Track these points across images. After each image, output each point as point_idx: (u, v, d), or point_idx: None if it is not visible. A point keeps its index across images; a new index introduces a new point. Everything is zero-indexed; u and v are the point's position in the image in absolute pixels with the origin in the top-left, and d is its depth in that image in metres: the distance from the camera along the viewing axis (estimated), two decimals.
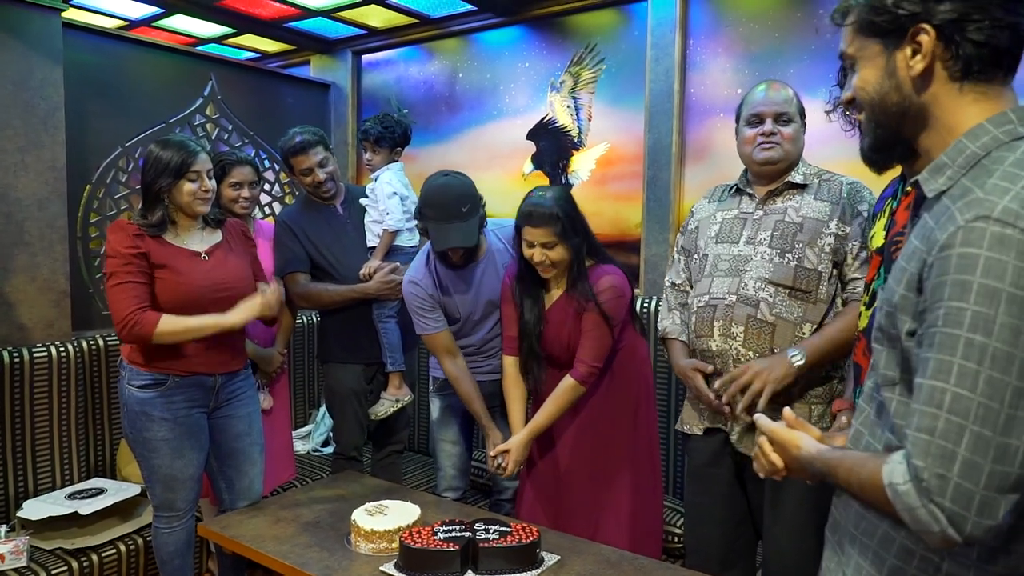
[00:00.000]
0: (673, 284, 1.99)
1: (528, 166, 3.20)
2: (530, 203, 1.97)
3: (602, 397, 2.09)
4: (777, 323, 1.71)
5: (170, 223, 2.04)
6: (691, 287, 1.91)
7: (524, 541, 1.80)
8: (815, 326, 1.70)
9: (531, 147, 3.20)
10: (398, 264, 2.52)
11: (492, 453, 2.13)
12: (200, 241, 2.10)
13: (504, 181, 3.27)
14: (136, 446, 2.08)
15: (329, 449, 3.52)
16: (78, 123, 2.79)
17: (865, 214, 1.69)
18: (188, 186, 2.01)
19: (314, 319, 3.66)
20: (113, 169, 2.92)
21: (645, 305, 2.67)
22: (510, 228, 2.20)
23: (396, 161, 2.60)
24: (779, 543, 1.76)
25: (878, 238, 1.46)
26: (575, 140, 3.07)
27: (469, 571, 1.77)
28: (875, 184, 1.55)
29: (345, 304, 2.51)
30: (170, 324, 1.97)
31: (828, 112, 1.55)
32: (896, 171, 1.32)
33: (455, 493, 2.43)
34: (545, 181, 3.15)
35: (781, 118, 1.75)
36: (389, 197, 2.50)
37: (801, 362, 1.64)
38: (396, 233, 2.52)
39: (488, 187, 3.29)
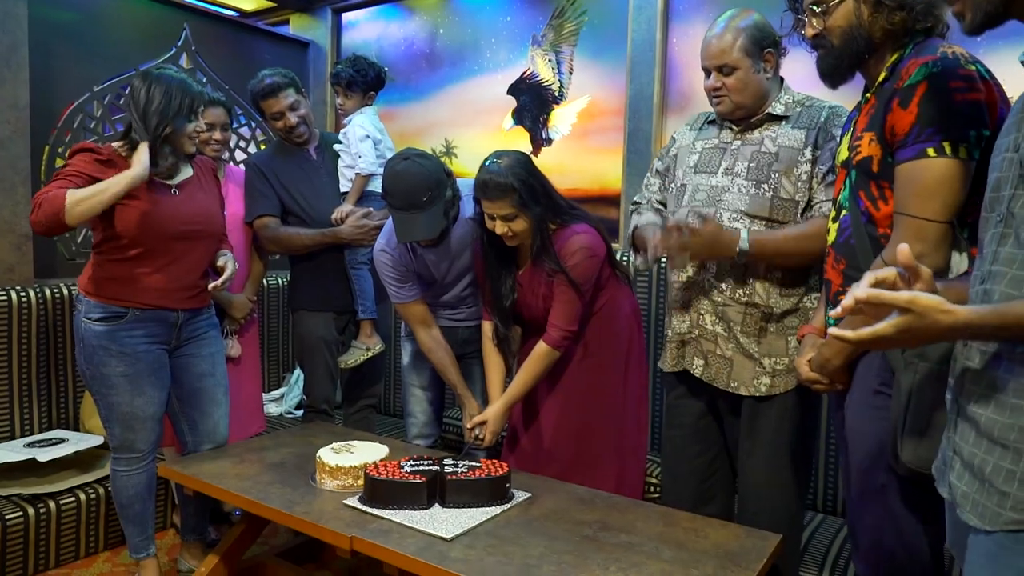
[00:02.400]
0: (646, 197, 1.92)
1: (508, 121, 3.15)
2: (483, 174, 1.85)
3: (585, 360, 2.03)
4: None
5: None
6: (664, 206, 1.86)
7: (493, 475, 1.75)
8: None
9: (512, 102, 3.15)
10: (371, 209, 2.46)
11: (469, 425, 2.07)
12: (171, 175, 2.03)
13: (485, 137, 3.21)
14: (93, 383, 2.00)
15: (301, 412, 3.45)
16: (43, 64, 2.70)
17: (839, 137, 1.65)
18: (188, 126, 1.95)
19: (286, 280, 3.59)
20: (80, 114, 2.83)
21: (625, 258, 2.62)
22: None
23: (369, 105, 2.54)
24: (756, 475, 1.72)
25: (843, 152, 1.45)
26: (556, 94, 3.02)
27: (436, 504, 1.72)
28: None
29: (316, 248, 2.44)
30: (80, 194, 1.77)
31: (781, 37, 1.66)
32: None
33: (426, 441, 2.37)
34: (526, 136, 3.10)
35: (723, 69, 1.69)
36: (361, 140, 2.44)
37: (745, 247, 1.59)
38: (369, 177, 2.46)
39: (469, 144, 3.27)
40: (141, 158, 1.86)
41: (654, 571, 1.42)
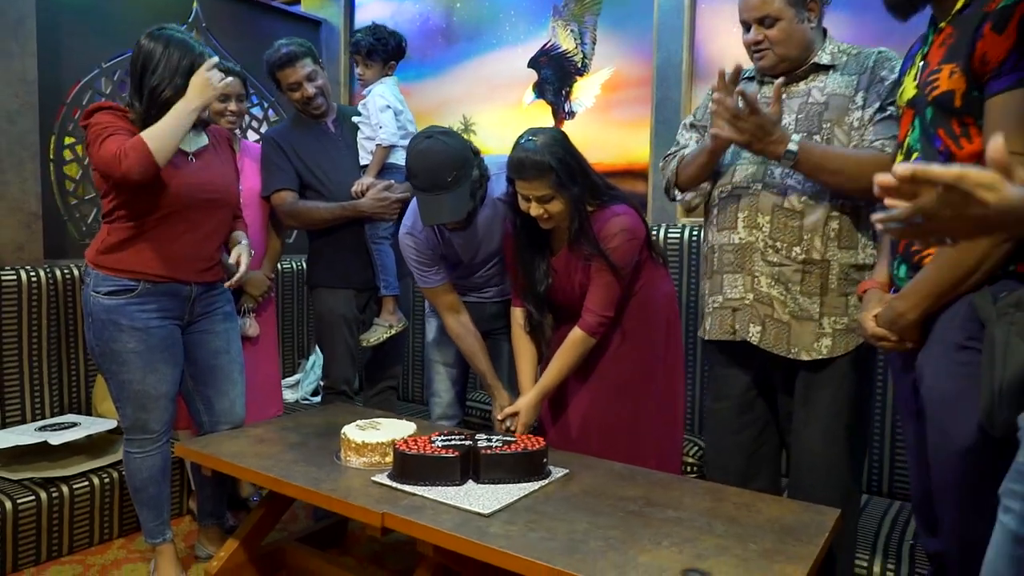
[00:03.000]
0: (679, 152, 1.81)
1: (529, 95, 3.05)
2: (518, 153, 1.73)
3: (623, 347, 1.92)
4: (806, 209, 1.57)
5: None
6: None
7: (530, 448, 1.65)
8: (844, 212, 1.56)
9: (532, 76, 3.05)
10: (392, 182, 2.37)
11: (500, 416, 1.95)
12: (187, 142, 1.95)
13: (504, 113, 3.12)
14: (103, 360, 1.91)
15: (318, 399, 3.36)
16: (52, 39, 2.62)
17: (888, 80, 1.54)
18: None
19: (303, 265, 3.51)
20: (90, 91, 2.74)
21: (655, 232, 2.53)
22: None
23: (389, 76, 2.45)
24: (812, 446, 1.62)
25: (908, 90, 1.34)
26: (579, 66, 2.92)
27: (470, 480, 1.63)
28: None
29: (336, 223, 2.35)
30: (154, 132, 1.75)
31: None
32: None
33: (450, 422, 2.28)
34: (547, 111, 3.00)
35: (765, 21, 1.59)
36: (382, 110, 2.35)
37: (794, 148, 1.48)
38: (390, 149, 2.37)
39: (487, 120, 3.18)
40: (201, 81, 1.81)
41: (709, 546, 1.33)
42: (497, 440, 1.70)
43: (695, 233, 2.50)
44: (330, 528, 2.40)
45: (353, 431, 1.80)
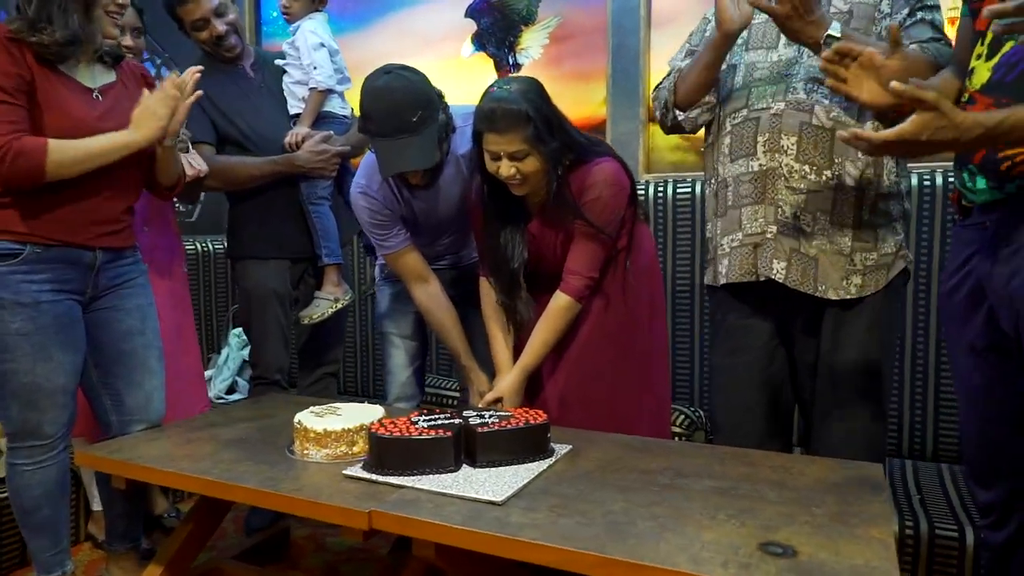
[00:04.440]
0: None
1: (468, 48, 2.79)
2: (490, 102, 1.51)
3: (608, 312, 1.70)
4: (836, 127, 1.41)
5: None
6: None
7: (532, 422, 1.41)
8: (884, 125, 1.41)
9: (470, 26, 2.78)
10: (331, 133, 2.04)
11: (481, 404, 1.69)
12: (92, 78, 1.57)
13: (439, 68, 2.80)
14: None
15: (236, 396, 2.97)
16: None
17: None
18: None
19: (210, 247, 3.08)
20: None
21: None
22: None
23: (319, 11, 2.12)
24: (840, 398, 1.47)
25: None
26: (524, 14, 2.68)
27: (464, 465, 1.36)
28: None
29: (265, 181, 2.00)
30: (64, 149, 1.45)
31: None
32: None
33: (409, 403, 1.99)
34: (489, 64, 2.75)
35: None
36: (315, 49, 2.02)
37: (836, 33, 1.31)
38: (326, 94, 2.04)
39: None
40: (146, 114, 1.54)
41: (771, 515, 1.13)
42: (491, 416, 1.44)
43: (660, 189, 2.33)
44: (269, 541, 2.05)
45: (310, 419, 1.48)
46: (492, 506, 1.18)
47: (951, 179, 1.97)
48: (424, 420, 1.42)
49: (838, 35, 1.32)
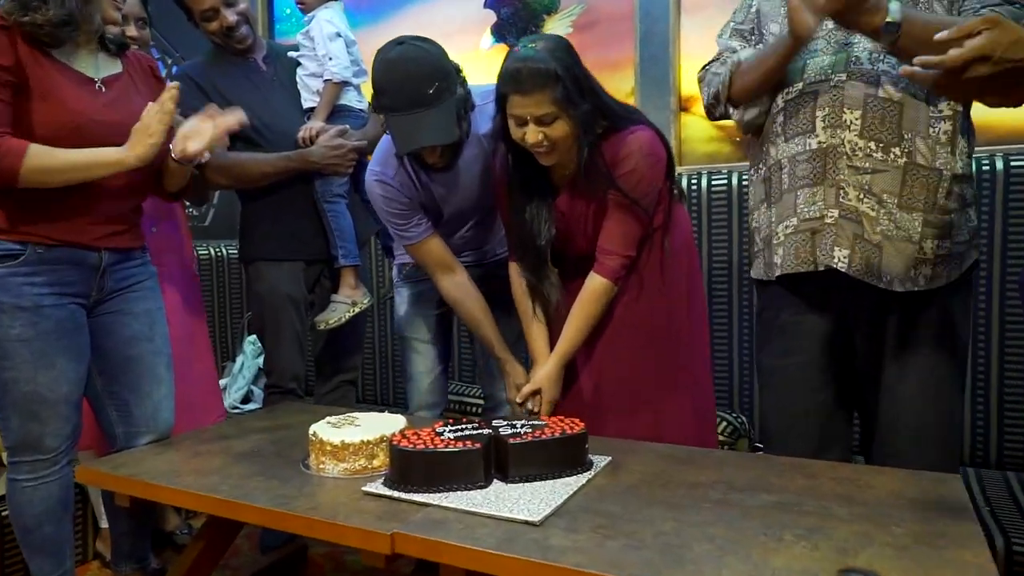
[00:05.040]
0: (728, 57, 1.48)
1: (487, 40, 2.68)
2: (516, 60, 1.40)
3: (642, 295, 1.59)
4: (905, 101, 1.27)
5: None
6: None
7: (569, 433, 1.28)
8: (951, 106, 1.28)
9: (490, 17, 2.68)
10: (347, 127, 1.94)
11: (519, 397, 1.59)
12: (94, 67, 1.48)
13: (458, 62, 2.69)
14: None
15: (251, 406, 2.87)
16: None
17: None
18: None
19: (224, 252, 3.00)
20: None
21: None
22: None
23: (336, 0, 2.02)
24: (910, 405, 1.33)
25: None
26: (546, 2, 2.57)
27: (495, 480, 1.24)
28: None
29: (278, 178, 1.90)
30: (44, 156, 1.34)
31: None
32: None
33: (431, 412, 1.87)
34: None
35: None
36: (331, 39, 1.92)
37: (896, 17, 1.16)
38: (342, 86, 1.94)
39: None
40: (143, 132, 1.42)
41: (845, 535, 1.00)
42: (523, 425, 1.32)
43: (693, 181, 2.21)
44: (285, 560, 1.95)
45: (326, 430, 1.37)
46: (529, 527, 1.06)
47: (1013, 162, 1.83)
48: (450, 431, 1.30)
49: (898, 19, 1.19)
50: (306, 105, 1.97)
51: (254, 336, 3.00)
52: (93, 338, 1.51)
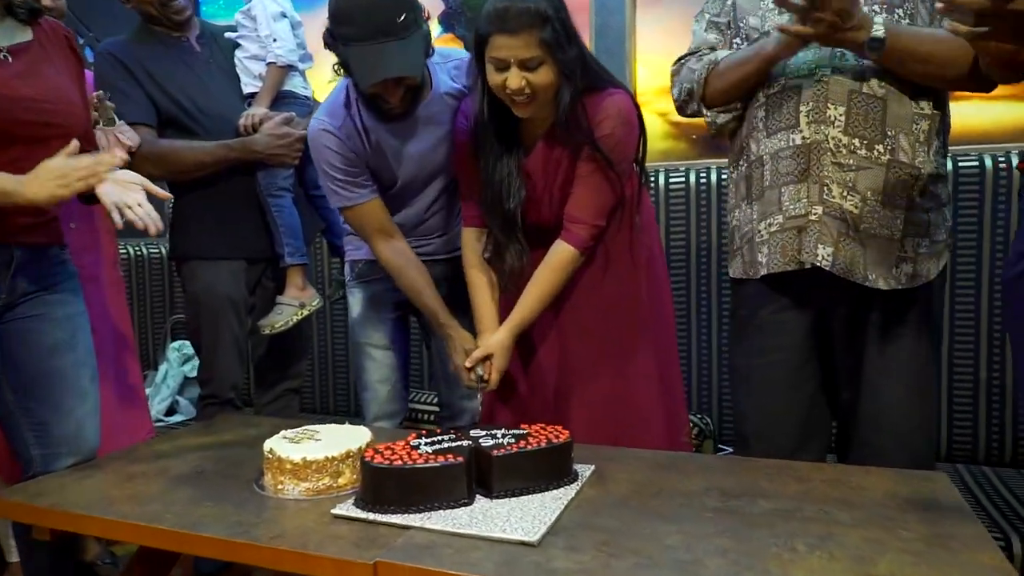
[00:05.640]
0: (702, 54, 1.45)
1: (435, 29, 2.57)
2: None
3: (608, 270, 1.53)
4: (888, 97, 1.26)
5: None
6: None
7: (555, 442, 1.20)
8: (934, 99, 1.28)
9: (436, 6, 2.57)
10: (293, 115, 1.79)
11: (469, 362, 1.49)
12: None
13: None
14: None
15: (178, 418, 2.66)
16: None
17: None
18: None
19: (143, 250, 2.76)
20: None
21: None
22: (462, 60, 1.59)
23: None
24: (892, 400, 1.32)
25: None
26: None
27: (477, 496, 1.14)
28: None
29: (217, 168, 1.74)
30: None
31: None
32: None
33: (390, 422, 1.75)
34: (459, 46, 2.53)
35: None
36: (276, 19, 1.78)
37: (880, 33, 1.18)
38: (287, 70, 1.80)
39: None
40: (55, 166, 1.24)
41: (857, 542, 0.97)
42: (505, 435, 1.23)
43: (651, 180, 2.17)
44: None
45: (284, 446, 1.24)
46: (526, 548, 0.98)
47: (1001, 161, 1.87)
48: (426, 443, 1.19)
49: (882, 35, 1.18)
50: (247, 90, 1.82)
51: (179, 342, 2.78)
52: (4, 347, 1.32)
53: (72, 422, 1.40)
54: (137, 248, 2.76)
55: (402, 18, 1.37)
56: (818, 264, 1.28)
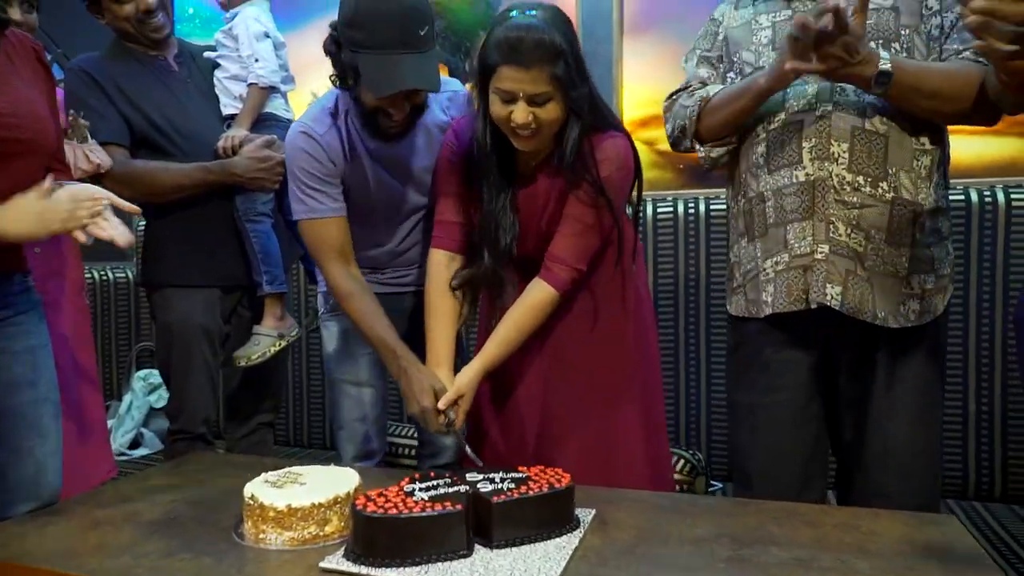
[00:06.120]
0: (696, 88, 1.43)
1: None
2: (515, 28, 1.23)
3: (596, 313, 1.49)
4: (891, 133, 1.25)
5: None
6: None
7: (557, 487, 1.14)
8: (934, 134, 1.28)
9: None
10: (275, 138, 1.72)
11: (442, 404, 1.38)
12: None
13: None
14: None
15: (142, 451, 2.53)
16: None
17: None
18: None
19: (110, 275, 2.65)
20: None
21: None
22: (455, 93, 1.56)
23: None
24: (900, 441, 1.30)
25: None
26: (482, 17, 2.46)
27: (476, 545, 1.07)
28: None
29: (194, 191, 1.66)
30: None
31: None
32: None
33: (369, 462, 1.66)
34: (443, 71, 2.50)
35: None
36: (259, 39, 1.72)
37: (887, 67, 1.17)
38: (269, 91, 1.73)
39: None
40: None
41: None
42: (504, 480, 1.17)
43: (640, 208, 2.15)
44: None
45: (266, 491, 1.15)
46: None
47: (987, 196, 1.88)
48: (421, 489, 1.12)
49: (890, 69, 1.17)
50: (226, 111, 1.75)
51: (145, 371, 2.66)
52: None
53: (32, 464, 1.29)
54: (103, 272, 2.64)
55: (424, 31, 1.31)
56: (827, 304, 1.26)
